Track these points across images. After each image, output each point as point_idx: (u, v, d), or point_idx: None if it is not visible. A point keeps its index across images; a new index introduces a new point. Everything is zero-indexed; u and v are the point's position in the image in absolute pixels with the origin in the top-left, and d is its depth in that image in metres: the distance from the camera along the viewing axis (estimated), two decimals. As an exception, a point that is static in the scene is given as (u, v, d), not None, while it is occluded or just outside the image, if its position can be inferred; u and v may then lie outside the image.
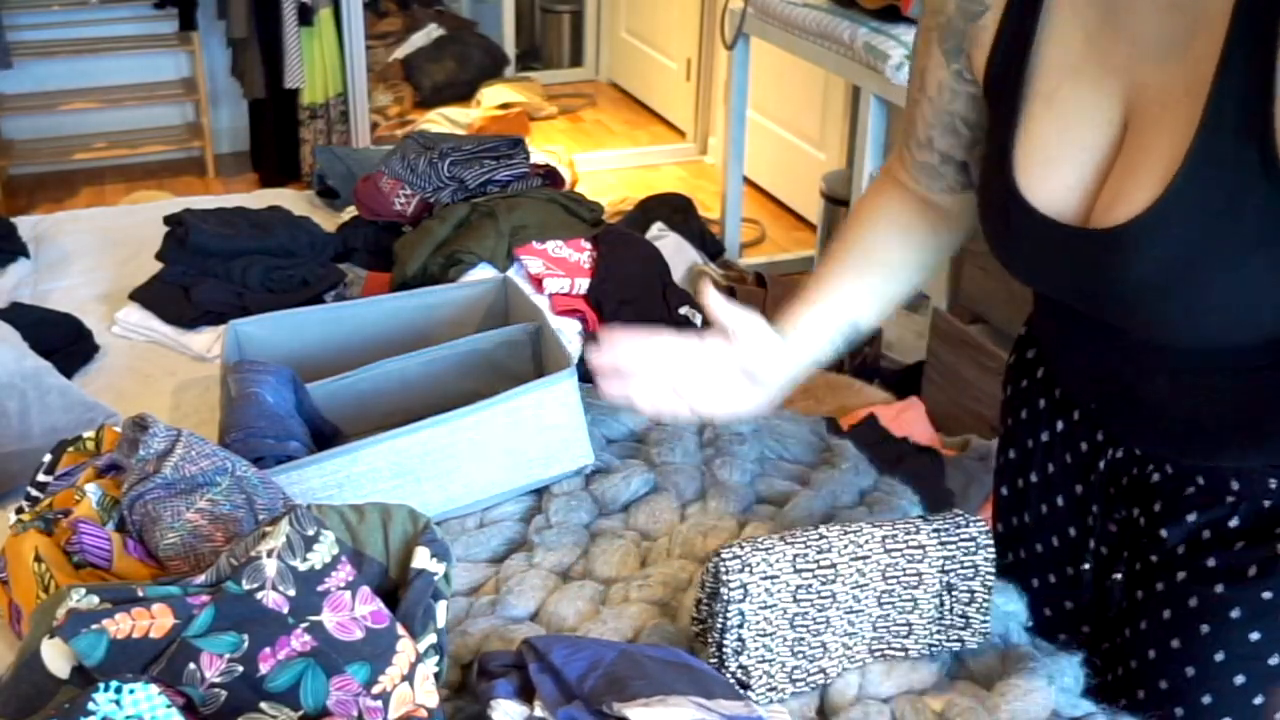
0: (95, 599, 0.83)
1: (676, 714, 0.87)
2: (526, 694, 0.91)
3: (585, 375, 1.48)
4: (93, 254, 2.03)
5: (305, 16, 4.14)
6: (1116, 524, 1.15)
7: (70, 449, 1.17)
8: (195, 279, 1.77)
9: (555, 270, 1.70)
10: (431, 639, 0.94)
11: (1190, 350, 1.00)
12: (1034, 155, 1.00)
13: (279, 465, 1.16)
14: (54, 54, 4.48)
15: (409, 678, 0.87)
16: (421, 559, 0.97)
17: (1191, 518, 1.07)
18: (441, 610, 0.96)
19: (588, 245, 1.75)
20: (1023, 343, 1.27)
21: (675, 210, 3.69)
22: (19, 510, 1.13)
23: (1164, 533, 1.09)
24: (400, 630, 0.89)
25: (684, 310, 1.72)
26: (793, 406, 1.52)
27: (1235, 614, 1.05)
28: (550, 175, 2.01)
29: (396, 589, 0.97)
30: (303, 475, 1.16)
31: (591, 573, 1.16)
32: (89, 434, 1.18)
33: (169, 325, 1.74)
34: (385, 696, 0.86)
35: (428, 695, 0.88)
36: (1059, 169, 0.99)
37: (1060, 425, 1.19)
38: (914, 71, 1.14)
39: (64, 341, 1.65)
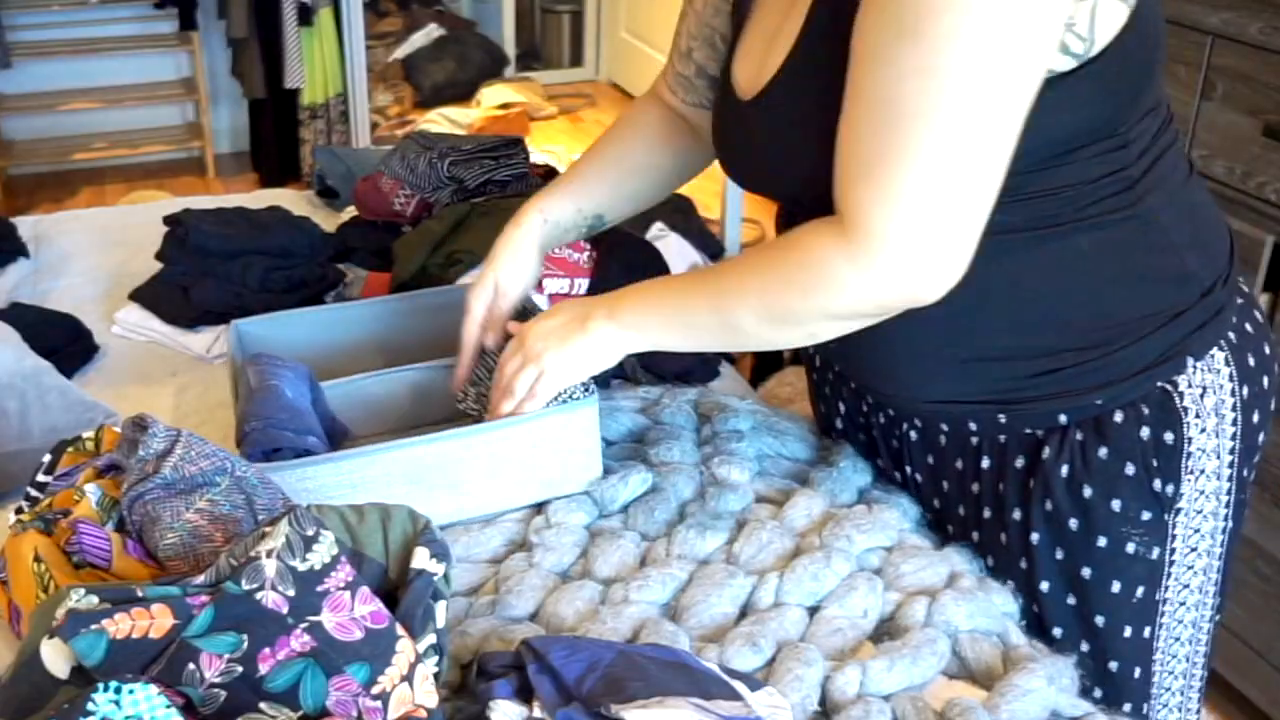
0: (95, 599, 0.83)
1: (675, 715, 0.87)
2: (526, 694, 0.91)
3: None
4: (93, 254, 2.03)
5: (305, 16, 4.14)
6: (914, 486, 1.26)
7: (70, 449, 1.17)
8: (195, 279, 1.77)
9: (555, 270, 1.70)
10: (431, 639, 0.94)
11: None
12: (746, 44, 1.12)
13: (296, 459, 1.16)
14: (54, 54, 4.48)
15: (408, 678, 0.87)
16: (421, 559, 0.97)
17: (959, 464, 1.17)
18: (441, 610, 0.96)
19: (588, 245, 1.75)
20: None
21: (675, 210, 3.69)
22: (18, 510, 1.13)
23: (945, 485, 1.20)
24: (400, 630, 0.89)
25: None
26: (792, 406, 1.52)
27: (1023, 565, 1.14)
28: (550, 175, 2.01)
29: (396, 589, 0.97)
30: (318, 472, 1.16)
31: (591, 573, 1.16)
32: (89, 434, 1.18)
33: (169, 325, 1.74)
34: (385, 697, 0.86)
35: (427, 695, 0.88)
36: (753, 53, 1.10)
37: (842, 406, 1.31)
38: None
39: (64, 341, 1.65)
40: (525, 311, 1.35)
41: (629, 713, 0.86)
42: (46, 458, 1.16)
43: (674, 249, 3.35)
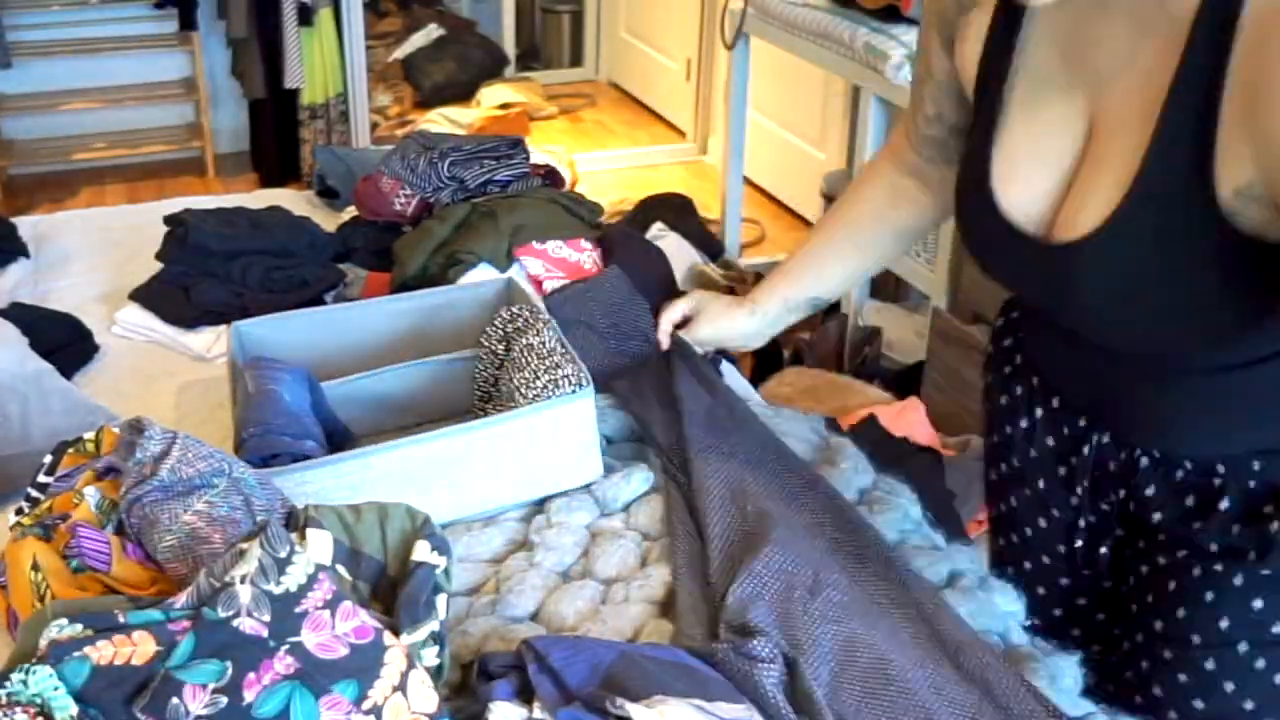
0: (78, 626, 0.83)
1: (676, 713, 0.87)
2: (526, 695, 0.91)
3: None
4: (93, 254, 2.03)
5: (305, 16, 4.14)
6: (1108, 504, 1.16)
7: (71, 450, 1.17)
8: (195, 279, 1.77)
9: (555, 271, 1.70)
10: (434, 625, 0.94)
11: (1156, 354, 1.03)
12: (1008, 161, 1.03)
13: (294, 464, 1.16)
14: (54, 54, 4.48)
15: (401, 688, 0.87)
16: (422, 552, 0.97)
17: (1189, 501, 1.09)
18: (442, 603, 0.96)
19: (588, 245, 1.75)
20: (1001, 331, 1.30)
21: (675, 210, 3.69)
22: (19, 510, 1.13)
23: (1157, 516, 1.11)
24: (389, 640, 0.89)
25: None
26: (793, 406, 1.52)
27: (1237, 581, 1.06)
28: (550, 175, 2.01)
29: (395, 585, 0.97)
30: (317, 475, 1.16)
31: (591, 572, 1.16)
32: (89, 435, 1.18)
33: (169, 325, 1.74)
34: (377, 710, 0.85)
35: (425, 701, 0.88)
36: (1029, 177, 1.02)
37: (1040, 411, 1.21)
38: (920, 52, 1.18)
39: (64, 341, 1.65)
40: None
41: (633, 709, 0.86)
42: (48, 458, 1.16)
43: (673, 248, 3.36)
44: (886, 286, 3.26)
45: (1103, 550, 1.19)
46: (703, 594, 1.09)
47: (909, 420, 2.39)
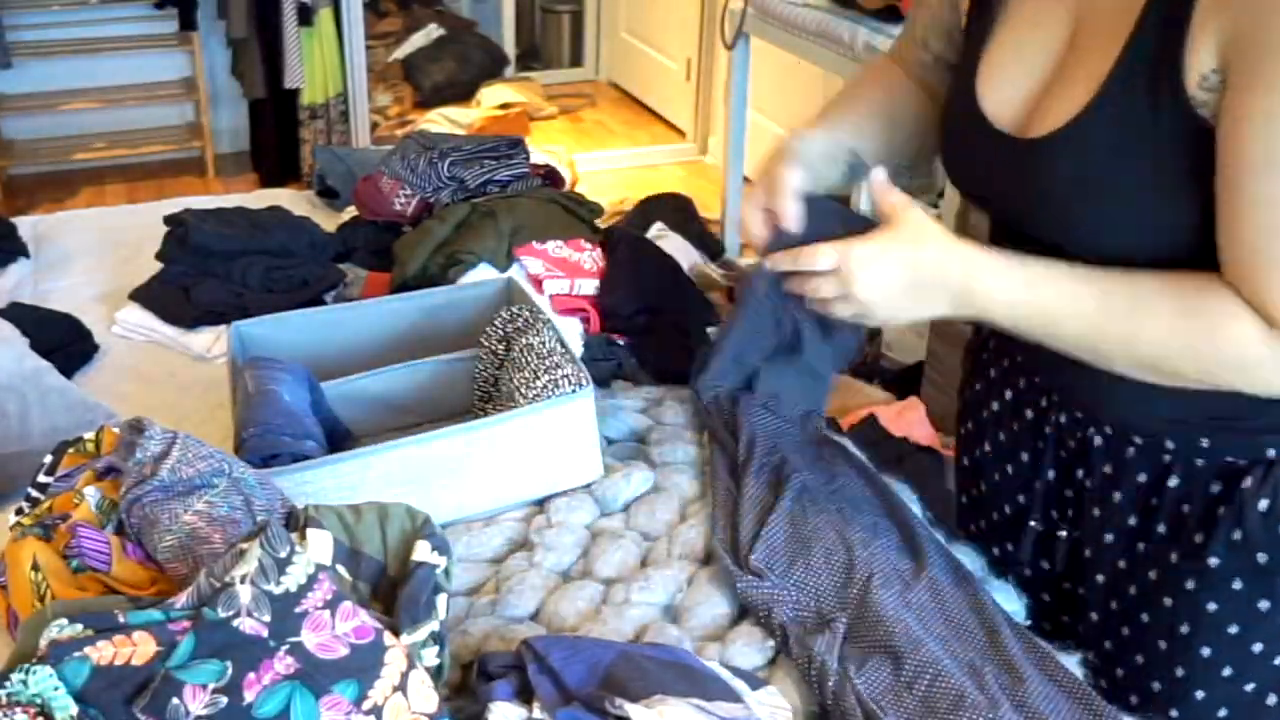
0: (79, 626, 0.83)
1: (676, 713, 0.87)
2: (526, 695, 0.91)
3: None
4: (93, 254, 2.03)
5: (305, 16, 4.14)
6: (1072, 489, 1.18)
7: (71, 450, 1.17)
8: (195, 279, 1.77)
9: (555, 271, 1.70)
10: (434, 625, 0.94)
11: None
12: (994, 66, 1.08)
13: (294, 464, 1.16)
14: (54, 54, 4.48)
15: (401, 687, 0.87)
16: (422, 552, 0.97)
17: (1141, 478, 1.10)
18: (442, 603, 0.96)
19: (588, 245, 1.75)
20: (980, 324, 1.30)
21: (675, 210, 3.69)
22: (19, 510, 1.13)
23: (1116, 496, 1.12)
24: (389, 640, 0.89)
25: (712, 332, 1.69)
26: (793, 406, 1.52)
27: (1190, 585, 1.08)
28: (550, 175, 2.01)
29: (395, 585, 0.97)
30: (317, 475, 1.16)
31: (592, 573, 1.16)
32: (89, 435, 1.18)
33: (169, 325, 1.74)
34: (377, 710, 0.85)
35: (425, 701, 0.88)
36: (1012, 80, 1.06)
37: (1009, 394, 1.23)
38: None
39: (64, 341, 1.65)
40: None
41: (632, 709, 0.86)
42: (48, 458, 1.16)
43: (673, 249, 3.35)
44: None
45: (1061, 534, 1.20)
46: (733, 543, 1.16)
47: (909, 420, 2.39)
